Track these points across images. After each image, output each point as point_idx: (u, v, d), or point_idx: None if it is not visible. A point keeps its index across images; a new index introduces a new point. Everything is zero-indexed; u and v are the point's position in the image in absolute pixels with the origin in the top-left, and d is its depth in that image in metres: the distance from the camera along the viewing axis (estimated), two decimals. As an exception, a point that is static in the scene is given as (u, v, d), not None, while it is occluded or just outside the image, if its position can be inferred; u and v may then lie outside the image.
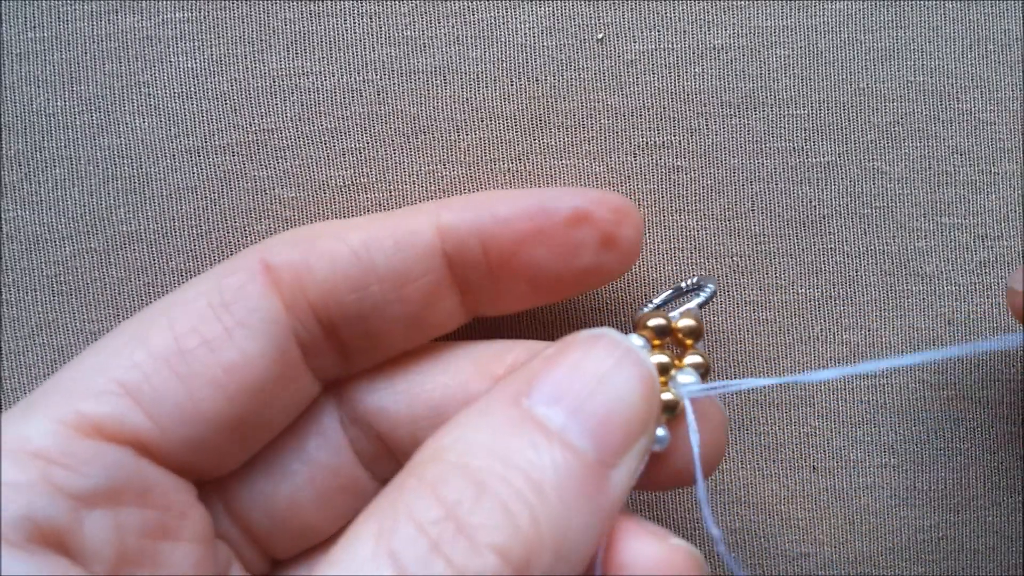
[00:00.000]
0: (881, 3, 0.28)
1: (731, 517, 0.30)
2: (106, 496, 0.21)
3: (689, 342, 0.25)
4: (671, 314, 0.25)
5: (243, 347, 0.23)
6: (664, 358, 0.24)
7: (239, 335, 0.23)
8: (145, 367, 0.22)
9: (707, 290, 0.26)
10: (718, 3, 0.28)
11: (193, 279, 0.25)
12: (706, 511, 0.22)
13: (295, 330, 0.24)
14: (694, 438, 0.23)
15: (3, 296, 0.29)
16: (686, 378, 0.24)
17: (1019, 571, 0.30)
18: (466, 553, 0.18)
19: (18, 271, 0.29)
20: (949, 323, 0.29)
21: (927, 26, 0.29)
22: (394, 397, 0.26)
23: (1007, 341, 0.19)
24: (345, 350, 0.25)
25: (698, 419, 0.24)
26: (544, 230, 0.25)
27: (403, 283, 0.25)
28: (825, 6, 0.28)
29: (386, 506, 0.20)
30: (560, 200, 0.25)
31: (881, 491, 0.30)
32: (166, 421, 0.22)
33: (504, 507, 0.19)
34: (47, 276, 0.29)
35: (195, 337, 0.23)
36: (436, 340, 0.27)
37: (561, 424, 0.20)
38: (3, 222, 0.29)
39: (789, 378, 0.23)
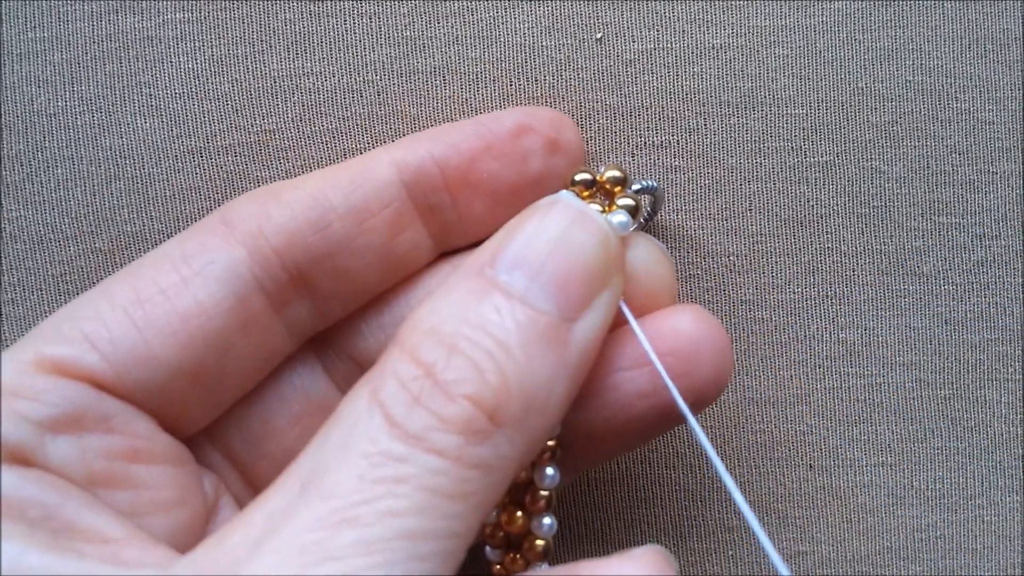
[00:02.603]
0: (880, 3, 0.28)
1: (728, 515, 0.30)
2: (68, 423, 0.23)
3: (618, 189, 0.26)
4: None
5: (199, 296, 0.24)
6: (595, 207, 0.25)
7: (195, 284, 0.24)
8: (105, 315, 0.24)
9: (647, 183, 0.28)
10: (717, 3, 0.28)
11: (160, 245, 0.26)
12: (647, 346, 0.25)
13: (259, 280, 0.25)
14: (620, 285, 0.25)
15: (6, 296, 0.29)
16: (618, 216, 0.25)
17: (1017, 571, 0.30)
18: (442, 403, 0.21)
19: (22, 271, 0.29)
20: (946, 323, 0.29)
21: (926, 26, 0.29)
22: (364, 322, 0.27)
23: None
24: (317, 297, 0.26)
25: (641, 258, 0.26)
26: (493, 145, 0.26)
27: (364, 217, 0.26)
28: (824, 6, 0.28)
29: (376, 371, 0.22)
30: (502, 119, 0.27)
31: (878, 490, 0.30)
32: (120, 363, 0.24)
33: (473, 364, 0.21)
34: (51, 276, 0.29)
35: (153, 287, 0.24)
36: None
37: (522, 287, 0.22)
38: (5, 222, 0.29)
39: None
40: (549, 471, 0.26)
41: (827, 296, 0.29)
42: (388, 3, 0.29)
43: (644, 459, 0.30)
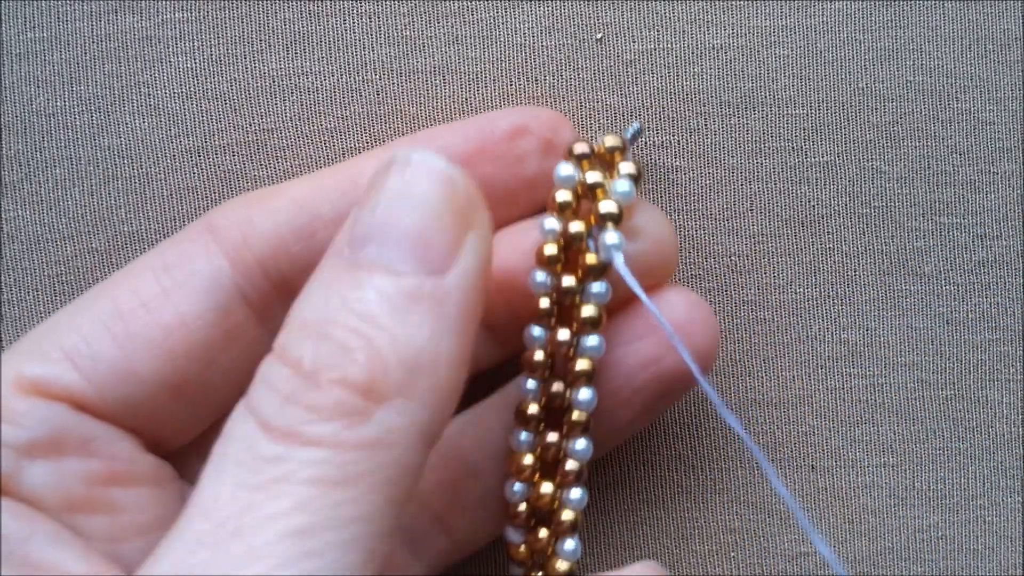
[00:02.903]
0: (881, 3, 0.28)
1: (730, 516, 0.30)
2: (46, 447, 0.23)
3: (617, 156, 0.26)
4: None
5: (181, 308, 0.24)
6: (597, 175, 0.25)
7: (177, 296, 0.24)
8: (84, 330, 0.23)
9: (634, 127, 0.28)
10: (718, 3, 0.28)
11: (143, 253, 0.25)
12: (652, 308, 0.24)
13: (243, 290, 0.25)
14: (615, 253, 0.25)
15: (3, 296, 0.29)
16: (622, 184, 0.25)
17: (1019, 571, 0.30)
18: (312, 394, 0.20)
19: (19, 271, 0.29)
20: (947, 323, 0.29)
21: (926, 26, 0.29)
22: None
23: None
24: None
25: (640, 226, 0.26)
26: (487, 147, 0.26)
27: None
28: (824, 6, 0.28)
29: (249, 384, 0.21)
30: (497, 120, 0.26)
31: (880, 491, 0.30)
32: (101, 380, 0.23)
33: (341, 347, 0.20)
34: (48, 276, 0.29)
35: (133, 299, 0.24)
36: None
37: (377, 255, 0.21)
38: (3, 222, 0.29)
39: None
40: (582, 442, 0.25)
41: (828, 296, 0.29)
42: (388, 3, 0.28)
43: (646, 461, 0.30)
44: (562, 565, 0.26)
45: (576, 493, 0.26)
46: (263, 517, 0.19)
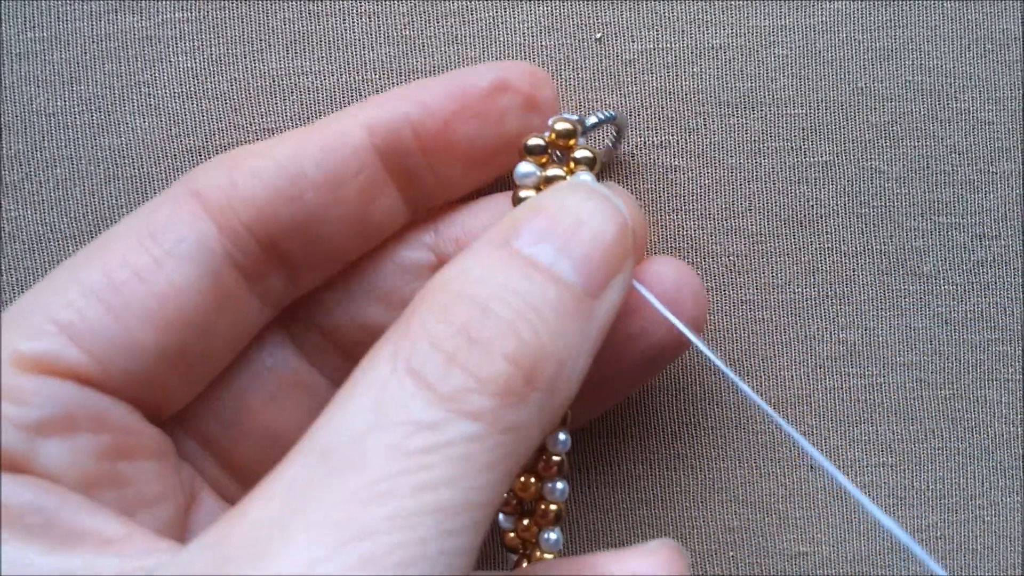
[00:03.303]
0: (879, 2, 0.28)
1: (729, 515, 0.30)
2: (59, 425, 0.22)
3: (572, 142, 0.26)
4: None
5: (173, 277, 0.24)
6: (559, 171, 0.25)
7: (168, 265, 0.24)
8: (77, 303, 0.23)
9: (605, 114, 0.27)
10: (717, 3, 0.28)
11: (124, 217, 0.25)
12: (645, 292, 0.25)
13: (231, 255, 0.24)
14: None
15: (6, 296, 0.29)
16: (582, 176, 0.25)
17: (1018, 571, 0.30)
18: (481, 361, 0.20)
19: (20, 270, 0.29)
20: (946, 323, 0.29)
21: (925, 25, 0.29)
22: (332, 292, 0.27)
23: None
24: (291, 267, 0.25)
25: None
26: (468, 105, 0.26)
27: (338, 185, 0.25)
28: (823, 6, 0.28)
29: (399, 332, 0.21)
30: (478, 75, 0.26)
31: (879, 490, 0.30)
32: (102, 354, 0.23)
33: (509, 324, 0.21)
34: (49, 275, 0.29)
35: (125, 270, 0.23)
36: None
37: (551, 260, 0.22)
38: (4, 221, 0.29)
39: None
40: (561, 436, 0.25)
41: (827, 296, 0.29)
42: (387, 3, 0.29)
43: (645, 460, 0.30)
44: (546, 556, 0.26)
45: (559, 485, 0.26)
46: (414, 484, 0.19)
